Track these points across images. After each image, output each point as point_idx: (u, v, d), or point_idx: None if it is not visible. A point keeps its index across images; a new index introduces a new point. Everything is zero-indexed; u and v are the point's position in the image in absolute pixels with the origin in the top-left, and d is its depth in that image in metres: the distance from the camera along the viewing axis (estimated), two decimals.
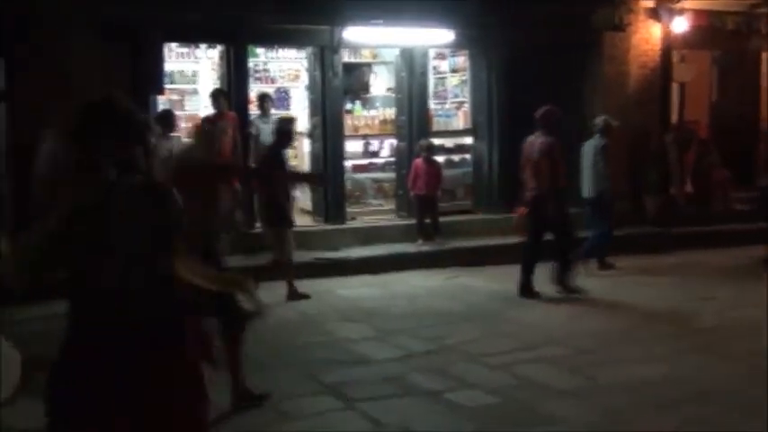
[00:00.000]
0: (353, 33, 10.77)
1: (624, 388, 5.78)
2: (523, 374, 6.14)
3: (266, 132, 10.33)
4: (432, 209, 10.90)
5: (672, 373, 6.10)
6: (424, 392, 5.77)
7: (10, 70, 9.62)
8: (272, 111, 11.50)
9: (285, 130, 8.75)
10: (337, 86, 11.09)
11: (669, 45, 12.61)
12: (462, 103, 12.40)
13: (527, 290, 8.64)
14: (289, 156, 10.74)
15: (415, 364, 6.45)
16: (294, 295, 8.68)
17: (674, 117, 13.08)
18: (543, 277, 8.80)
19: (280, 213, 8.52)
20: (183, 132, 11.30)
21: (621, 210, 10.93)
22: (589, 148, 10.02)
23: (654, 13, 12.46)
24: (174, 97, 12.39)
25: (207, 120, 10.19)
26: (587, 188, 9.92)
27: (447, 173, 11.62)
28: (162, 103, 11.36)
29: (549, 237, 8.79)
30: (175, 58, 12.35)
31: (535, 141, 8.68)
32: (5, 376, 1.94)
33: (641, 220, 11.96)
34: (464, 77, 12.37)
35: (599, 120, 10.14)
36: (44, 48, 9.34)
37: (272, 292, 8.22)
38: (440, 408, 5.48)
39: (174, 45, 12.00)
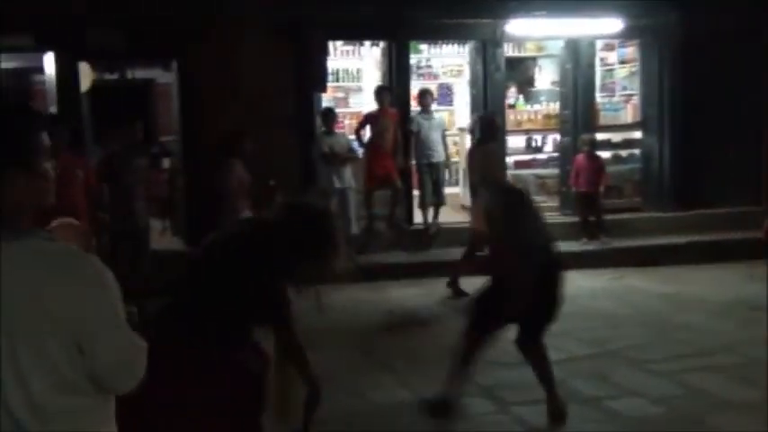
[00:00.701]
0: (516, 26, 10.53)
1: None
2: (692, 384, 5.77)
3: (426, 128, 10.27)
4: (594, 206, 10.48)
5: None
6: (583, 399, 5.53)
7: (184, 70, 10.08)
8: (434, 107, 11.47)
9: (490, 123, 8.77)
10: (499, 81, 10.88)
11: None
12: (631, 95, 11.88)
13: None
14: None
15: (576, 368, 6.20)
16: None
17: None
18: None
19: None
20: (346, 129, 11.48)
21: None
22: None
23: None
24: (339, 95, 12.60)
25: (369, 116, 10.34)
26: None
27: (614, 169, 11.17)
28: (326, 100, 11.56)
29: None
30: (340, 56, 12.55)
31: None
32: (131, 365, 1.95)
33: None
34: (634, 69, 11.84)
35: None
36: (216, 48, 9.71)
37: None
38: (599, 415, 5.24)
39: (339, 43, 12.20)
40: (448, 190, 11.03)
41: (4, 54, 9.79)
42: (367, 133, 10.39)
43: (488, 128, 8.63)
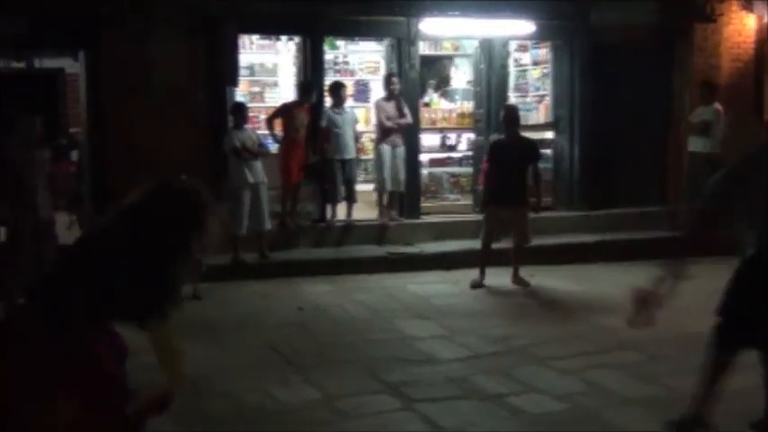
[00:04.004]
0: (431, 25, 10.58)
1: None
2: (594, 380, 5.86)
3: (338, 124, 10.21)
4: None
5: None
6: (487, 395, 5.56)
7: (92, 61, 9.80)
8: (350, 103, 11.42)
9: (514, 116, 9.09)
10: (414, 79, 10.91)
11: (764, 37, 11.99)
12: (543, 96, 12.07)
13: None
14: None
15: (481, 365, 6.25)
16: (520, 281, 8.94)
17: None
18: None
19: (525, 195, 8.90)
20: (260, 125, 11.32)
21: None
22: None
23: (748, 4, 11.86)
24: (255, 89, 12.42)
25: (287, 106, 10.24)
26: None
27: None
28: (242, 95, 11.40)
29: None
30: (256, 50, 12.39)
31: None
32: None
33: None
34: (546, 70, 12.04)
35: None
36: (127, 38, 9.48)
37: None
38: (502, 412, 5.27)
39: (255, 37, 12.04)
40: (361, 187, 11.03)
41: None
42: (279, 127, 10.30)
43: (514, 118, 9.08)
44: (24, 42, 9.79)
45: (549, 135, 11.84)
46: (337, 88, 10.40)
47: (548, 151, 11.84)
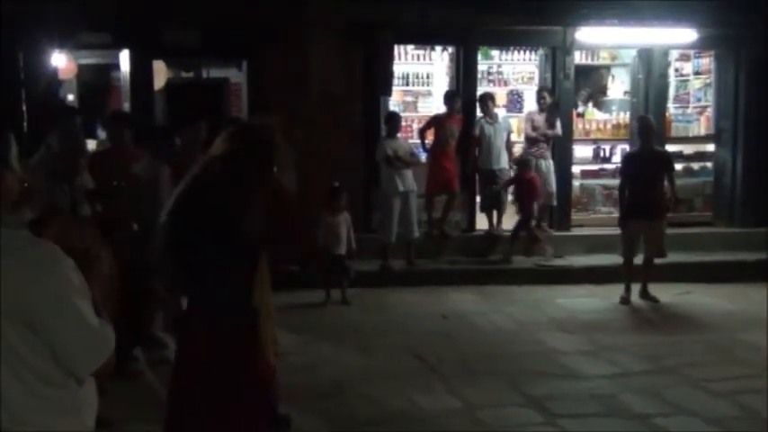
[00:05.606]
0: (587, 34, 10.38)
1: None
2: (749, 405, 5.61)
3: (490, 133, 10.19)
4: None
5: None
6: (633, 415, 5.43)
7: (253, 70, 10.23)
8: (504, 113, 11.36)
9: (649, 127, 8.94)
10: (568, 89, 10.75)
11: None
12: (705, 107, 11.61)
13: None
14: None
15: (629, 383, 6.09)
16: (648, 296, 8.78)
17: None
18: None
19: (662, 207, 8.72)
20: (414, 134, 11.46)
21: None
22: None
23: None
24: (408, 99, 12.59)
25: (437, 118, 10.32)
26: None
27: (684, 182, 10.93)
28: (395, 104, 11.58)
29: None
30: (411, 60, 12.56)
31: None
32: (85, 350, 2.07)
33: None
34: (708, 80, 11.57)
35: None
36: (286, 49, 9.83)
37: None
38: None
39: (410, 47, 12.22)
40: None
41: (83, 50, 10.12)
42: (431, 137, 10.39)
43: (649, 129, 8.89)
44: (195, 54, 10.35)
45: (710, 148, 11.39)
46: (485, 99, 10.39)
47: (708, 164, 11.41)
